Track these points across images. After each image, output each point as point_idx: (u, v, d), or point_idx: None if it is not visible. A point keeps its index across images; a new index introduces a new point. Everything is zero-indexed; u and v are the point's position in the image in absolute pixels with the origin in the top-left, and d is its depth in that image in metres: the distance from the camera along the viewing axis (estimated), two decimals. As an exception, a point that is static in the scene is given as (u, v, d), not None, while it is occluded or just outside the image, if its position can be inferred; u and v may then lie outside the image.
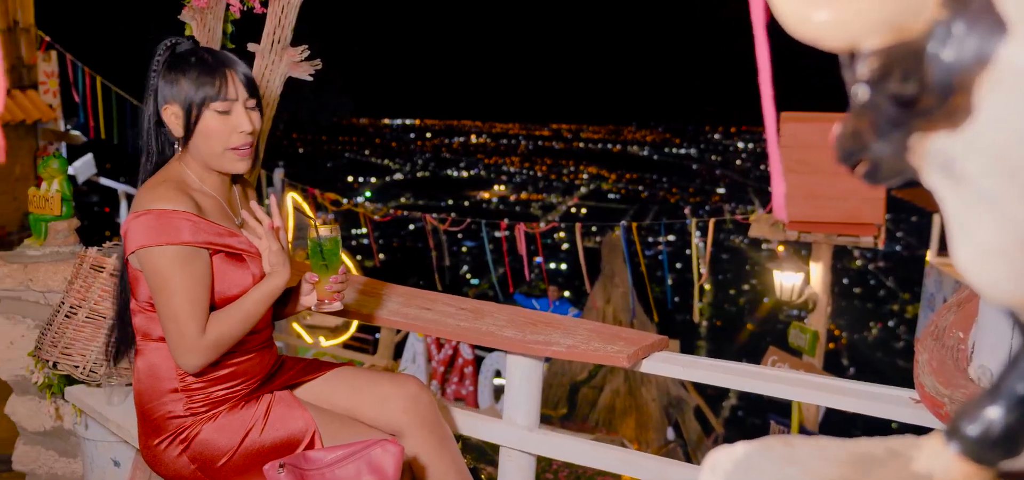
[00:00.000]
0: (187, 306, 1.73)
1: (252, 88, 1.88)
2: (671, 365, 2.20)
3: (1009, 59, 0.55)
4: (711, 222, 7.13)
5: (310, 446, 1.92)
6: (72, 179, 9.17)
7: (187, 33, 2.97)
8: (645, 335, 2.29)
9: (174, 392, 1.85)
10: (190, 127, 1.82)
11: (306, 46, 2.90)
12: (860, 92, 0.65)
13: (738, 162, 79.70)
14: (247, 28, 2.97)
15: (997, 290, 0.60)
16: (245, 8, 2.97)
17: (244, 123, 1.85)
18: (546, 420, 8.66)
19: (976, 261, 0.61)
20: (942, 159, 0.63)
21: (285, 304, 2.10)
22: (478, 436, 2.40)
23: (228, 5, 2.97)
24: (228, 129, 1.84)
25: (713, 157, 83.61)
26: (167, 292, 1.73)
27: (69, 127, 9.67)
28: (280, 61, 2.88)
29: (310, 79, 2.94)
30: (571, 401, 9.34)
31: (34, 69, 9.01)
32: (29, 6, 8.93)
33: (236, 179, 2.04)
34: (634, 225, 8.11)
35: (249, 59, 2.85)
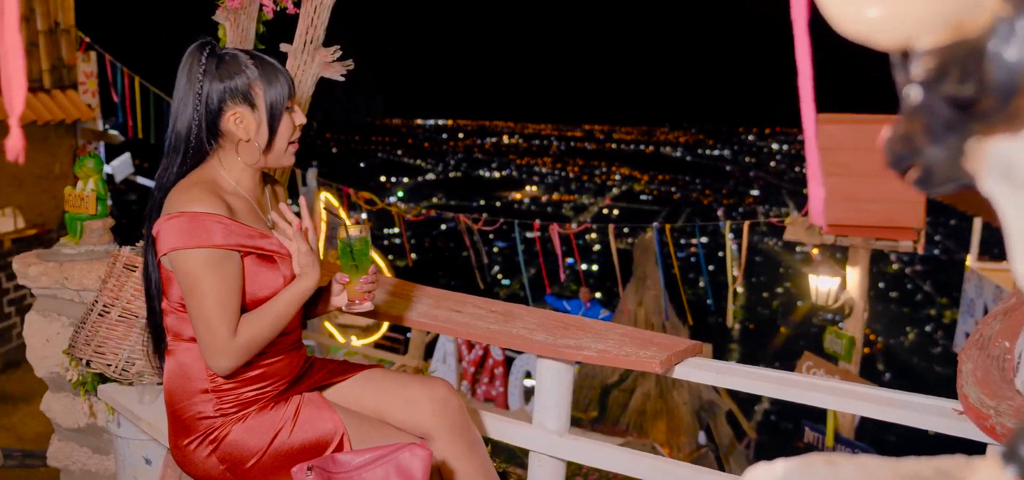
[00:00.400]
0: (218, 309, 1.73)
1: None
2: (704, 371, 2.16)
3: (1081, 58, 0.51)
4: (746, 225, 7.03)
5: (339, 448, 1.91)
6: (110, 178, 9.29)
7: (220, 33, 2.99)
8: (678, 340, 2.25)
9: (204, 393, 1.85)
10: (275, 127, 1.84)
11: (338, 46, 2.90)
12: (913, 94, 0.61)
13: (772, 164, 78.92)
14: (277, 29, 2.98)
15: (1063, 306, 0.56)
16: (278, 8, 2.97)
17: (301, 117, 1.92)
18: (576, 423, 8.60)
19: (1040, 274, 0.57)
20: (1003, 165, 0.59)
21: (315, 304, 2.09)
22: (508, 440, 2.37)
23: (261, 5, 2.97)
24: (291, 125, 1.90)
25: (747, 158, 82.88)
26: (198, 294, 1.73)
27: (107, 126, 9.82)
28: (312, 61, 2.88)
29: (342, 79, 2.94)
30: (602, 404, 9.27)
31: (74, 69, 9.15)
32: (70, 7, 9.08)
33: (267, 180, 2.04)
34: (667, 227, 8.03)
35: (280, 59, 2.85)
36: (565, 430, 2.31)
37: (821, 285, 6.66)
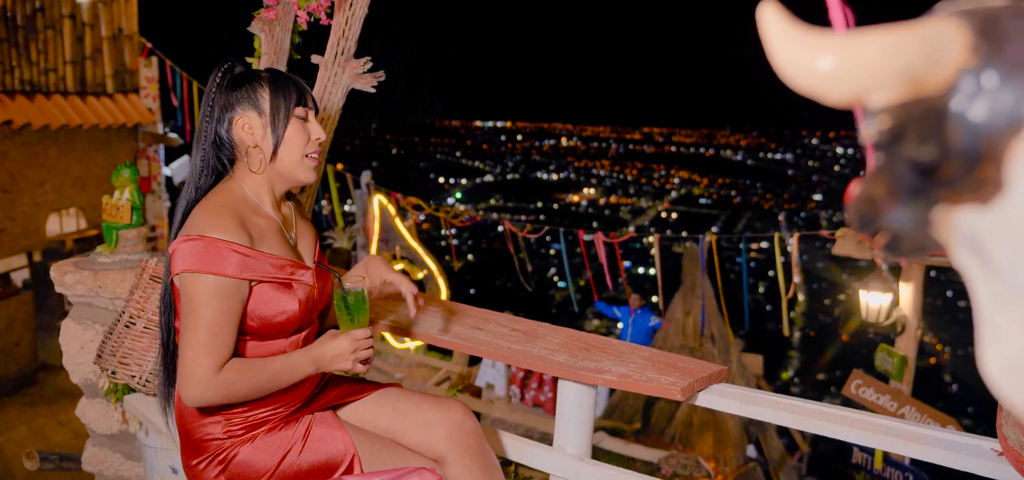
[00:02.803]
0: (209, 338, 1.70)
1: (314, 100, 1.93)
2: (728, 400, 2.07)
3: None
4: (796, 236, 6.83)
5: (349, 470, 1.88)
6: (169, 180, 9.45)
7: (255, 44, 3.00)
8: (703, 365, 2.16)
9: (213, 414, 1.84)
10: (279, 133, 1.83)
11: (369, 58, 2.88)
12: (875, 154, 0.54)
13: (836, 168, 77.16)
14: (312, 42, 2.98)
15: (1027, 411, 0.49)
16: (312, 19, 2.97)
17: (319, 131, 1.88)
18: (619, 435, 8.46)
19: (1006, 369, 0.50)
20: (970, 239, 0.52)
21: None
22: (527, 463, 2.31)
23: (296, 16, 2.97)
24: (305, 136, 1.87)
25: (810, 162, 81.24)
26: (194, 318, 1.70)
27: (167, 130, 10.07)
28: (342, 72, 2.87)
29: (373, 91, 2.92)
30: (646, 415, 9.09)
31: (136, 74, 9.41)
32: (133, 15, 9.35)
33: (289, 198, 2.01)
34: (713, 239, 7.86)
35: (311, 71, 2.85)
36: (586, 455, 2.25)
37: (871, 301, 6.39)
